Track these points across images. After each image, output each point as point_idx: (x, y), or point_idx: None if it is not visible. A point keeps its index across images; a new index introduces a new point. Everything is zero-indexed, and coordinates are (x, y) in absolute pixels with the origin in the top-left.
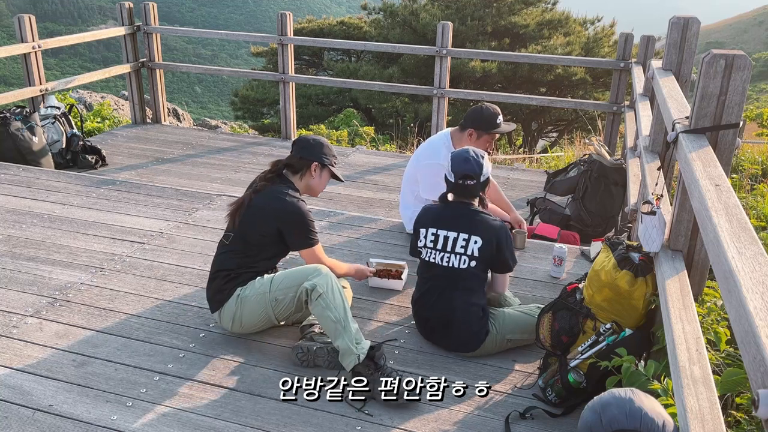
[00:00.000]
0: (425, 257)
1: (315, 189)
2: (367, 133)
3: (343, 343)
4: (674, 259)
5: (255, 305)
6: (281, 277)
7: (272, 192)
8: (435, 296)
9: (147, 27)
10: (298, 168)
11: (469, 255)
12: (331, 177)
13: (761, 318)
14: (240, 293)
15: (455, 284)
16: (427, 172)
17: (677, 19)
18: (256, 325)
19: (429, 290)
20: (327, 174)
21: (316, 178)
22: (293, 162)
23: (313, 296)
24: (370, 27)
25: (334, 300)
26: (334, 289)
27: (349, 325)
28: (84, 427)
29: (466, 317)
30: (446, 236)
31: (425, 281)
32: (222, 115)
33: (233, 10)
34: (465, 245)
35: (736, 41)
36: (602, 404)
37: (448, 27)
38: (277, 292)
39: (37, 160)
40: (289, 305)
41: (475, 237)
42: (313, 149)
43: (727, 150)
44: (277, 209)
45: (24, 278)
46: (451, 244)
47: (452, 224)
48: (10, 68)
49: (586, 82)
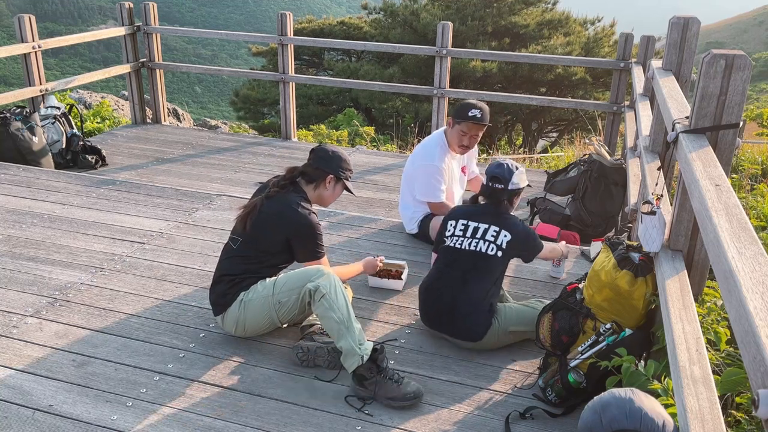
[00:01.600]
0: (450, 244)
1: (326, 200)
2: (367, 133)
3: (346, 344)
4: (674, 259)
5: (258, 309)
6: (284, 279)
7: (285, 201)
8: (451, 280)
9: (147, 27)
10: (313, 178)
11: (498, 245)
12: (344, 189)
13: (761, 318)
14: (243, 298)
15: (477, 268)
16: (422, 173)
17: (677, 19)
18: (260, 329)
19: (445, 275)
20: (340, 187)
21: (330, 190)
22: (309, 171)
23: (317, 297)
24: (370, 27)
25: (338, 300)
26: (338, 290)
27: (352, 326)
28: (84, 427)
29: (468, 311)
30: (477, 227)
31: (444, 266)
32: (222, 115)
33: (233, 10)
34: (496, 235)
35: (736, 41)
36: (602, 404)
37: (448, 27)
38: (280, 294)
39: (37, 160)
40: (293, 307)
41: (506, 231)
42: (331, 161)
43: (727, 150)
44: (290, 220)
45: (24, 278)
46: (482, 232)
47: (483, 218)
48: (10, 68)
49: (586, 82)
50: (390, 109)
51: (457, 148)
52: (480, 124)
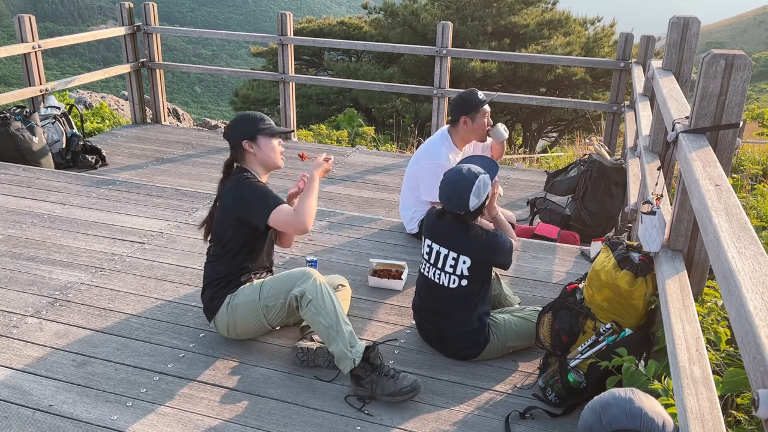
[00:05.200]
0: (422, 270)
1: (266, 160)
2: (367, 133)
3: (337, 348)
4: (674, 259)
5: (246, 312)
6: (270, 282)
7: (227, 188)
8: (428, 311)
9: (147, 27)
10: (238, 156)
11: (458, 275)
12: (275, 137)
13: (761, 318)
14: (230, 301)
15: (447, 302)
16: (427, 173)
17: (677, 19)
18: (251, 332)
19: (424, 302)
20: (265, 139)
21: (257, 151)
22: (232, 154)
23: (303, 302)
24: (370, 27)
25: (325, 305)
26: (324, 294)
27: (342, 329)
28: (84, 427)
29: (458, 334)
30: (438, 251)
31: (419, 292)
32: (222, 115)
33: (233, 10)
34: (454, 264)
35: (736, 41)
36: (602, 404)
37: (448, 27)
38: (267, 299)
39: (37, 160)
40: (281, 311)
41: (464, 257)
42: (233, 131)
43: (727, 150)
44: (226, 193)
45: (24, 278)
46: (442, 261)
47: (444, 239)
48: (10, 68)
49: (586, 82)
50: (390, 109)
51: (483, 135)
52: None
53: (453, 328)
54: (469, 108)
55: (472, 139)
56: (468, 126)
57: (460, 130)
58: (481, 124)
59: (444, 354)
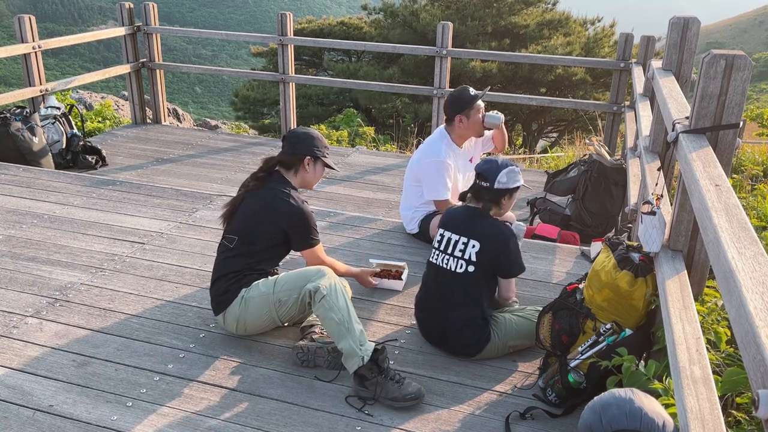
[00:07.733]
0: (431, 259)
1: (310, 182)
2: (367, 134)
3: (347, 344)
4: (674, 259)
5: (259, 307)
6: (284, 278)
7: (272, 193)
8: (433, 302)
9: (147, 27)
10: (291, 164)
11: (466, 259)
12: (324, 167)
13: (761, 318)
14: (244, 294)
15: (453, 290)
16: (429, 170)
17: (677, 19)
18: (260, 327)
19: (431, 294)
20: (321, 166)
21: (310, 171)
22: (285, 158)
23: (317, 298)
24: (370, 27)
25: (338, 302)
26: (338, 291)
27: (353, 327)
28: (84, 427)
29: (460, 328)
30: (450, 238)
31: (429, 285)
32: (222, 115)
33: (233, 10)
34: (463, 249)
35: (736, 41)
36: (602, 404)
37: (448, 27)
38: (280, 293)
39: (37, 161)
40: (293, 307)
41: (474, 241)
42: (304, 143)
43: (727, 150)
44: (283, 212)
45: (24, 278)
46: (452, 246)
47: (457, 226)
48: (10, 68)
49: (586, 83)
50: (390, 110)
51: (480, 130)
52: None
53: (456, 320)
54: (463, 106)
55: (470, 135)
56: (464, 124)
57: (456, 128)
58: (477, 120)
59: (445, 352)
